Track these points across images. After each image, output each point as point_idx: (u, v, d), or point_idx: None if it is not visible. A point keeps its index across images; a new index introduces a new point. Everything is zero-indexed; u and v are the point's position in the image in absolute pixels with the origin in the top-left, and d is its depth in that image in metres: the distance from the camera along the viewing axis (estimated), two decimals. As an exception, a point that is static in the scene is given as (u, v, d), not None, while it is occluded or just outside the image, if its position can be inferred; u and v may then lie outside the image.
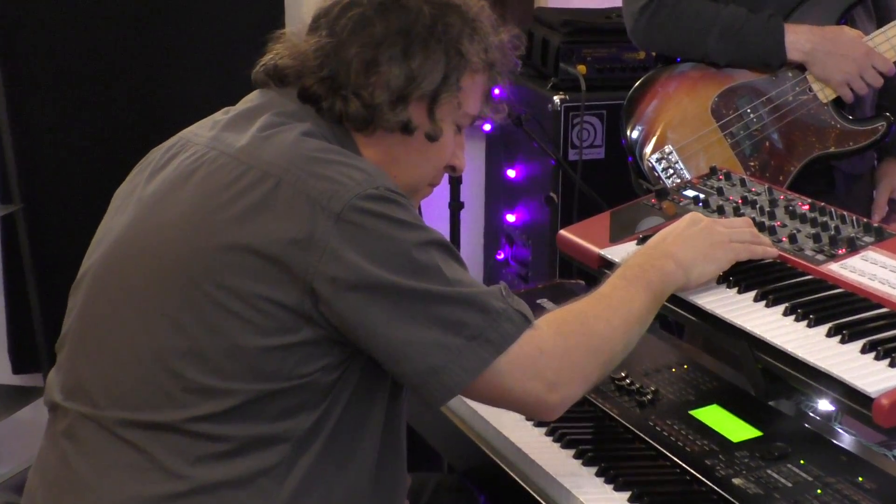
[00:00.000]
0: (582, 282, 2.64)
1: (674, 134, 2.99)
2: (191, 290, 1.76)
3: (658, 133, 3.00)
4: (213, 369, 1.75)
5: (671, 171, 2.95)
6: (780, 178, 2.91)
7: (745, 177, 2.46)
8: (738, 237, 2.05)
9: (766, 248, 2.08)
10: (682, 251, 1.99)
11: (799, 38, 2.88)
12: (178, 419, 1.75)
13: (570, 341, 1.82)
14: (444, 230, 3.73)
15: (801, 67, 2.90)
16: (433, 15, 1.86)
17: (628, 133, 3.04)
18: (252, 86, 1.97)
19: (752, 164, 2.93)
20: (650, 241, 2.04)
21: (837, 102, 2.90)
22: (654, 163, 2.98)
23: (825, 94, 2.89)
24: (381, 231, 1.73)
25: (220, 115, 1.96)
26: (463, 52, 1.86)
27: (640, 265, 1.96)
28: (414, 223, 1.76)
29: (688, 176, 2.91)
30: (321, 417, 1.78)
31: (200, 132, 1.93)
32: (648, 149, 3.00)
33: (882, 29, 2.89)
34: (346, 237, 1.71)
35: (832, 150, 2.91)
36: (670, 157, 2.97)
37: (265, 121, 1.85)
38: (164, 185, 1.87)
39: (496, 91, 1.99)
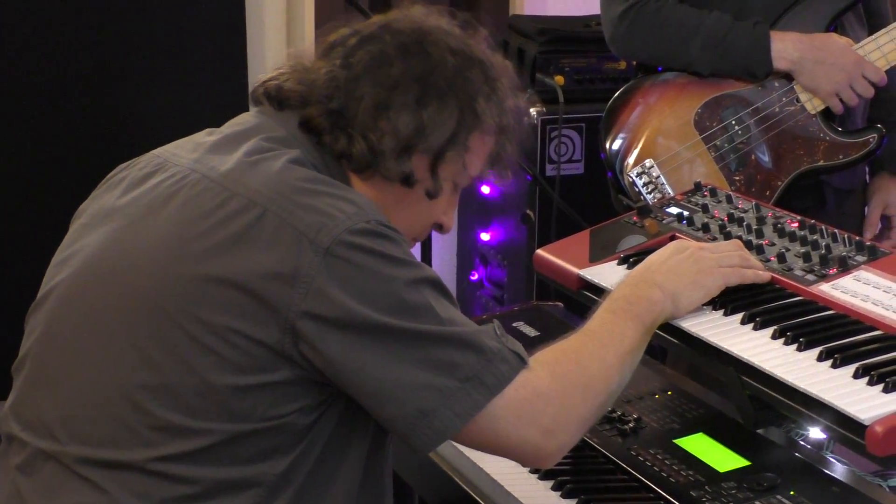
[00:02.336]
0: (560, 304, 2.64)
1: (655, 147, 2.99)
2: (163, 321, 1.74)
3: (639, 146, 3.00)
4: (182, 406, 1.73)
5: (652, 185, 2.95)
6: (767, 194, 2.92)
7: (731, 193, 2.46)
8: (727, 262, 2.05)
9: (756, 272, 2.08)
10: (668, 280, 1.98)
11: (786, 47, 2.89)
12: (143, 458, 1.73)
13: (565, 383, 1.80)
14: (415, 250, 3.72)
15: (787, 77, 2.91)
16: (455, 67, 1.85)
17: (607, 146, 3.04)
18: (247, 103, 1.95)
19: (737, 178, 2.94)
20: (635, 271, 2.03)
21: (826, 114, 2.91)
22: (634, 177, 2.98)
23: (813, 105, 2.90)
24: (371, 268, 1.71)
25: (204, 137, 1.94)
26: (477, 111, 1.86)
27: (627, 297, 1.95)
28: (405, 260, 1.75)
29: (670, 191, 2.92)
30: (296, 461, 1.76)
31: (181, 153, 1.90)
32: (629, 163, 3.00)
33: (873, 37, 2.90)
34: (334, 273, 1.69)
35: (821, 163, 2.92)
36: (651, 171, 2.97)
37: (252, 145, 1.83)
38: (141, 206, 1.85)
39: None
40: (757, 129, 2.94)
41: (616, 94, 3.08)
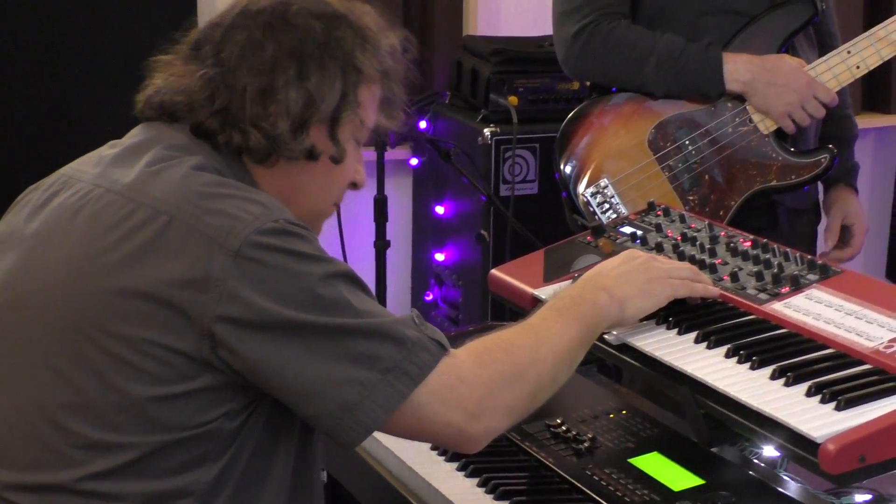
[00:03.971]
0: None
1: (609, 167, 3.01)
2: (77, 339, 1.73)
3: (593, 166, 3.02)
4: (105, 423, 1.72)
5: (607, 205, 2.97)
6: (721, 214, 2.94)
7: (684, 213, 2.47)
8: (677, 273, 2.07)
9: (706, 287, 2.10)
10: (617, 285, 1.99)
11: (738, 68, 2.92)
12: (71, 479, 1.72)
13: (491, 370, 1.81)
14: (369, 270, 3.73)
15: (740, 98, 2.94)
16: (324, 30, 1.85)
17: (562, 166, 3.05)
18: (137, 121, 1.94)
19: (691, 198, 2.96)
20: (585, 275, 2.05)
21: (779, 134, 2.94)
22: (588, 197, 3.00)
23: (766, 126, 2.93)
24: (283, 266, 1.71)
25: (107, 150, 1.92)
26: (358, 65, 1.86)
27: (573, 297, 1.96)
28: (317, 255, 1.75)
29: (624, 211, 2.93)
30: (226, 467, 1.76)
31: (85, 168, 1.90)
32: (583, 183, 3.01)
33: (824, 58, 2.93)
34: (246, 275, 1.69)
35: (774, 183, 2.95)
36: (606, 191, 2.99)
37: (154, 155, 1.83)
38: (47, 225, 1.84)
39: (422, 124, 2.00)
40: (710, 150, 2.96)
41: (570, 115, 3.09)
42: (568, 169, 3.04)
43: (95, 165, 1.88)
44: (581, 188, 3.01)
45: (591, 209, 2.99)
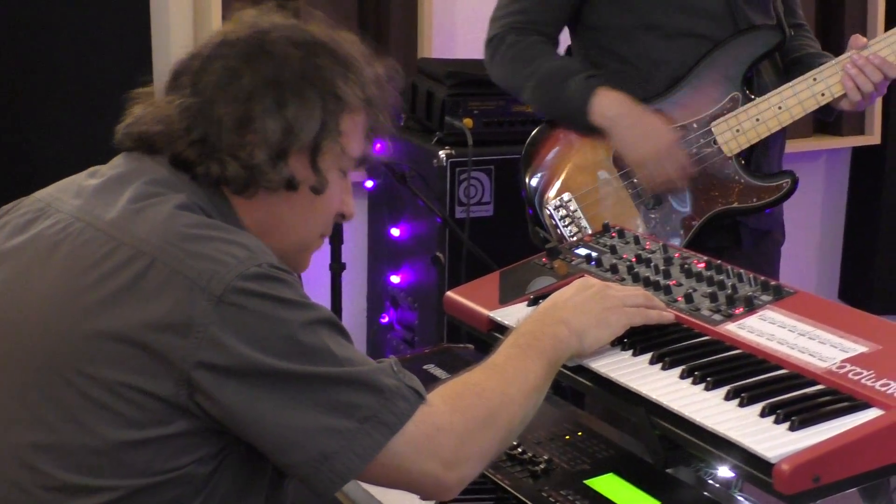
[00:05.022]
0: (471, 346, 2.65)
1: (573, 182, 3.05)
2: (54, 379, 1.71)
3: (557, 180, 3.05)
4: (77, 465, 1.70)
5: (570, 219, 3.01)
6: (682, 233, 2.97)
7: (638, 234, 2.49)
8: (632, 301, 2.08)
9: (660, 313, 2.11)
10: (574, 317, 2.00)
11: (606, 104, 2.97)
12: None
13: (466, 416, 1.81)
14: (324, 293, 3.72)
15: (707, 119, 2.96)
16: (302, 58, 1.83)
17: (527, 181, 3.09)
18: (116, 150, 1.92)
19: (653, 216, 2.99)
20: (541, 307, 2.05)
21: (742, 157, 2.97)
22: (552, 210, 3.04)
23: (730, 148, 2.95)
24: (265, 313, 1.69)
25: (86, 179, 1.89)
26: (339, 94, 1.84)
27: (533, 333, 1.97)
28: (299, 301, 1.73)
29: (587, 226, 2.98)
30: None
31: (64, 198, 1.87)
32: (548, 196, 3.06)
33: (791, 83, 2.94)
34: (228, 321, 1.67)
35: (735, 205, 2.97)
36: (569, 204, 3.03)
37: (137, 190, 1.80)
38: (25, 256, 1.82)
39: (377, 146, 1.99)
40: None
41: (537, 129, 3.14)
42: (533, 183, 3.09)
43: (76, 196, 1.86)
44: (545, 202, 3.05)
45: (554, 223, 3.02)
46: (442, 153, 3.80)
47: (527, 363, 1.91)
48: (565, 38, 3.13)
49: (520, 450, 2.17)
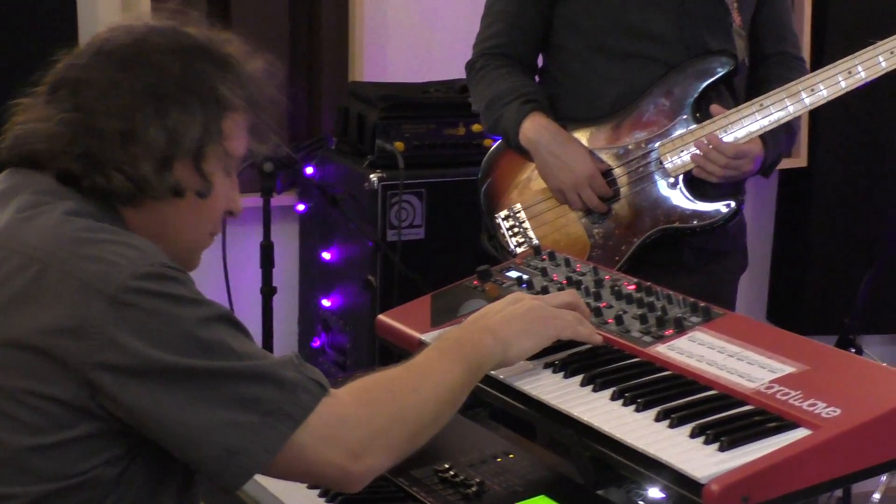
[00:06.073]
0: (403, 369, 2.64)
1: (523, 194, 3.14)
2: None
3: (509, 192, 3.16)
4: None
5: (518, 230, 3.10)
6: (623, 248, 3.01)
7: (569, 257, 2.51)
8: (561, 315, 2.09)
9: (590, 333, 2.12)
10: (501, 327, 2.01)
11: (532, 128, 3.06)
12: None
13: (373, 409, 1.81)
14: (256, 316, 3.70)
15: (653, 139, 3.01)
16: (181, 64, 1.83)
17: (482, 188, 3.20)
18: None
19: (596, 231, 3.05)
20: (471, 317, 2.06)
21: (687, 178, 3.00)
22: (501, 221, 3.14)
23: (675, 168, 3.00)
24: (161, 311, 1.70)
25: None
26: (219, 97, 1.85)
27: (457, 339, 1.98)
28: (194, 298, 1.74)
29: (533, 237, 3.07)
30: None
31: None
32: (499, 206, 3.16)
33: (738, 108, 2.98)
34: (124, 321, 1.68)
35: (676, 225, 3.02)
36: (518, 216, 3.13)
37: (24, 201, 1.80)
38: None
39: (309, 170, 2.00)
40: (618, 186, 3.03)
41: (497, 143, 3.22)
42: (486, 192, 3.19)
43: None
44: (496, 212, 3.15)
45: (503, 233, 3.12)
46: (373, 176, 3.80)
47: (445, 364, 1.92)
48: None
49: (452, 472, 2.17)
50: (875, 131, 4.44)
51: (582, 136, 3.07)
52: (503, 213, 3.15)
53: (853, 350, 4.24)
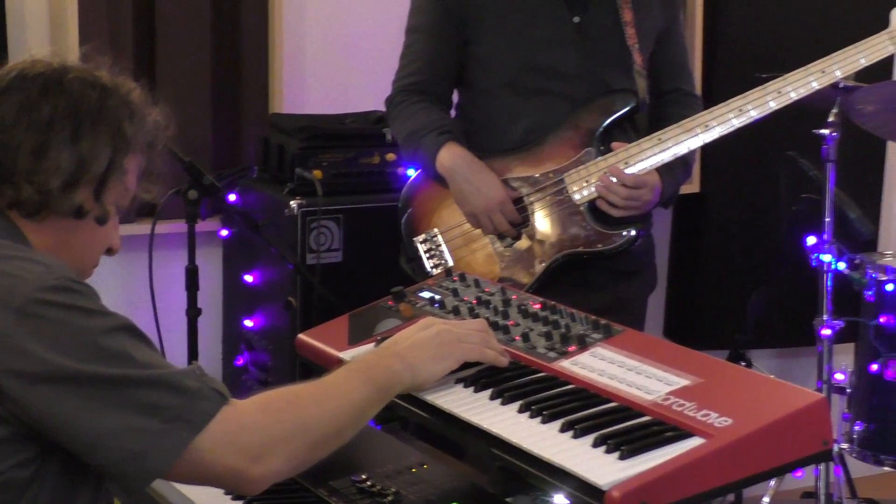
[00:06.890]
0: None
1: (441, 219, 3.19)
2: None
3: (427, 216, 3.20)
4: None
5: (434, 253, 3.13)
6: (532, 271, 3.05)
7: (478, 278, 2.52)
8: (469, 339, 2.10)
9: (496, 356, 2.13)
10: (410, 352, 2.02)
11: (447, 157, 3.11)
12: None
13: (274, 416, 1.82)
14: (182, 337, 3.67)
15: (561, 169, 3.06)
16: (97, 98, 1.87)
17: (403, 217, 3.23)
18: None
19: (507, 254, 3.08)
20: (384, 343, 2.08)
21: (592, 206, 3.04)
22: (419, 244, 3.18)
23: (581, 196, 3.04)
24: (65, 321, 1.71)
25: None
26: (127, 135, 1.89)
27: (368, 362, 2.00)
28: (98, 310, 1.75)
29: (449, 259, 3.12)
30: None
31: None
32: (416, 231, 3.20)
33: (638, 142, 3.03)
34: (29, 330, 1.69)
35: (580, 249, 3.07)
36: (435, 240, 3.18)
37: None
38: None
39: (231, 197, 2.01)
40: (529, 213, 3.08)
41: (416, 173, 3.26)
42: (406, 217, 3.23)
43: None
44: (413, 236, 3.20)
45: (419, 255, 3.16)
46: (293, 203, 3.79)
47: (351, 384, 1.93)
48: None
49: (369, 483, 2.17)
50: (764, 160, 4.51)
51: (494, 166, 3.10)
52: (421, 237, 3.19)
53: (744, 363, 4.30)
